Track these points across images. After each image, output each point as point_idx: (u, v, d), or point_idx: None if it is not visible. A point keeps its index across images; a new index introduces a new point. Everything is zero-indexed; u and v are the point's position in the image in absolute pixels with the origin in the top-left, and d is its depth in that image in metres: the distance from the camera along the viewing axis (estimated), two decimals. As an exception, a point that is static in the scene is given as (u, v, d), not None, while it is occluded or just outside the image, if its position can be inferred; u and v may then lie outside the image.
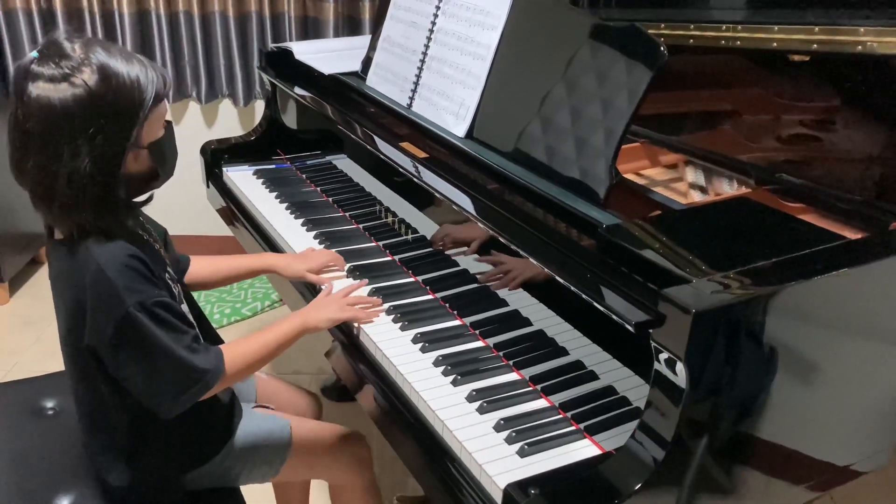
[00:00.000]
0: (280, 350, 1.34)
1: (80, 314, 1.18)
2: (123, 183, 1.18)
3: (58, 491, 1.34)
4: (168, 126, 1.24)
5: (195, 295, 1.51)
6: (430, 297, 1.53)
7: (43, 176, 1.13)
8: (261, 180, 2.10)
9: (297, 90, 2.02)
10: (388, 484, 1.94)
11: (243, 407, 1.45)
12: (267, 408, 1.51)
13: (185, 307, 1.32)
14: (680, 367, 0.96)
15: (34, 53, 1.12)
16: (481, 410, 1.21)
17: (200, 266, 1.56)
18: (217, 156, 2.20)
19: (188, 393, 1.21)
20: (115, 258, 1.15)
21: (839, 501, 1.97)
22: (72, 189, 1.12)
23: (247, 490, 1.44)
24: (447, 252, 1.55)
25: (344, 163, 2.02)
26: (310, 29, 2.82)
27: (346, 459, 1.52)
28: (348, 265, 1.65)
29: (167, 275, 1.29)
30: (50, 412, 1.55)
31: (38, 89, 1.10)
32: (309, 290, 1.64)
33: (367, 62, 1.96)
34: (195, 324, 1.28)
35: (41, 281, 3.04)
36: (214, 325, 2.70)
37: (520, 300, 1.37)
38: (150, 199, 1.27)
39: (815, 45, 1.36)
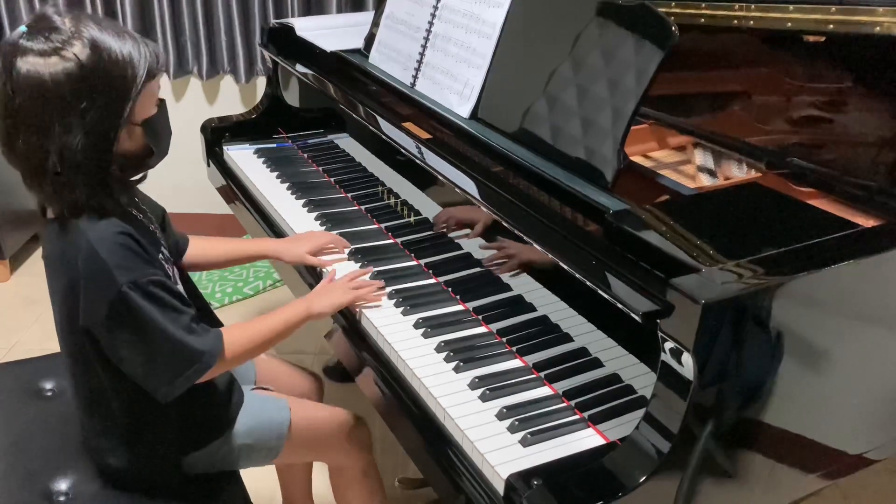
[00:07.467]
0: (282, 336, 1.34)
1: (73, 295, 1.16)
2: (118, 161, 1.16)
3: (56, 472, 1.34)
4: (161, 104, 1.22)
5: (197, 274, 1.49)
6: (432, 281, 1.51)
7: (34, 153, 1.11)
8: (262, 159, 2.07)
9: (299, 68, 1.98)
10: (390, 465, 1.94)
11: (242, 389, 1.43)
12: (266, 389, 1.50)
13: (180, 287, 1.30)
14: (687, 358, 0.93)
15: (23, 28, 1.10)
16: (484, 398, 1.20)
17: (199, 247, 1.54)
18: (218, 134, 2.17)
19: (184, 375, 1.19)
20: (106, 236, 1.14)
21: (845, 487, 1.97)
22: (63, 166, 1.10)
23: (249, 471, 1.42)
24: (450, 235, 1.53)
25: (346, 142, 1.99)
26: (312, 5, 2.77)
27: (345, 442, 1.50)
28: (349, 248, 1.62)
29: (161, 255, 1.27)
30: (49, 393, 1.54)
31: (27, 64, 1.08)
32: (309, 272, 1.62)
33: (370, 39, 1.92)
34: (192, 304, 1.26)
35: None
36: (216, 305, 2.71)
37: (524, 285, 1.35)
38: (143, 177, 1.25)
39: (831, 26, 1.32)
